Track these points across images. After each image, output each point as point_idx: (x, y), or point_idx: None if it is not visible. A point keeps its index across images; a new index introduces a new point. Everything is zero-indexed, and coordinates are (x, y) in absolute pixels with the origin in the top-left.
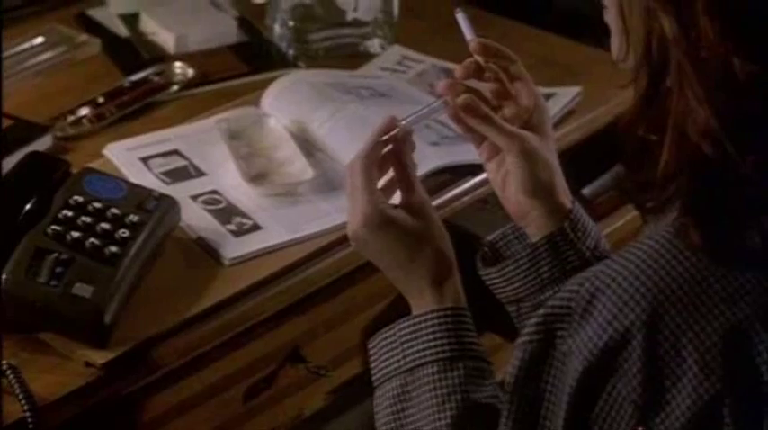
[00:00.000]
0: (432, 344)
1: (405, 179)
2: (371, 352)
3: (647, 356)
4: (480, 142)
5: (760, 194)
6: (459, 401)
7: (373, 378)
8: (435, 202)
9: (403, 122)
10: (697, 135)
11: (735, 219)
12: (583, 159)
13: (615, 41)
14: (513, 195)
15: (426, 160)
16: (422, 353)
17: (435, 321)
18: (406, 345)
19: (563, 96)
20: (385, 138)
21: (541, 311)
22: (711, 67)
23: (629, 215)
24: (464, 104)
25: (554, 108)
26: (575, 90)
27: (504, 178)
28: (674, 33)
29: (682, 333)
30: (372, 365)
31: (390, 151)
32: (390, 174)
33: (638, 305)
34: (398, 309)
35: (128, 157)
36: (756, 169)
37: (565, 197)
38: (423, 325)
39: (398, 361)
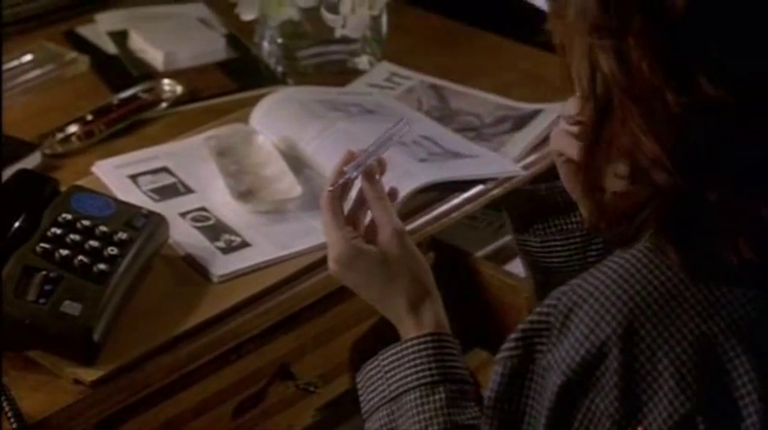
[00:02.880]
0: (413, 370)
1: (377, 209)
2: (359, 385)
3: (623, 370)
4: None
5: (728, 215)
6: (441, 424)
7: (362, 411)
8: (424, 219)
9: (362, 156)
10: (647, 165)
11: (708, 238)
12: None
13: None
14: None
15: (415, 176)
16: (404, 381)
17: (415, 348)
18: (389, 374)
19: (551, 112)
20: (342, 181)
21: (520, 326)
22: (648, 100)
23: None
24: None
25: (542, 124)
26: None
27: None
28: (612, 69)
29: (657, 347)
30: (360, 398)
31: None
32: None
33: (614, 319)
34: (387, 325)
35: (116, 175)
36: (719, 194)
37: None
38: (404, 352)
39: (383, 391)
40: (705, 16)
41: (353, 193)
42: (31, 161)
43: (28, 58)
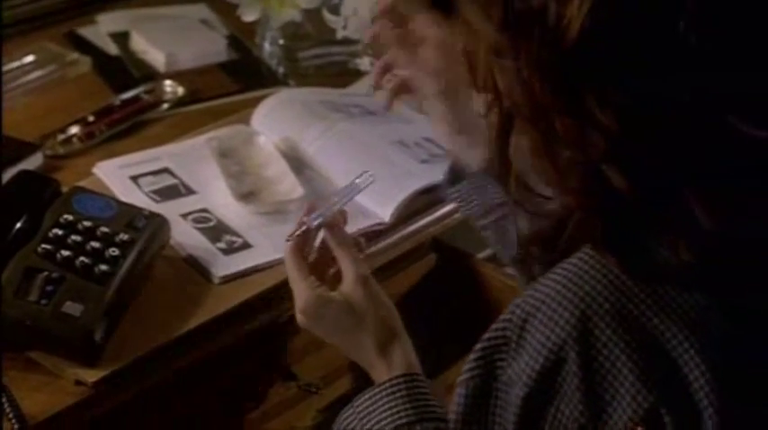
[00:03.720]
0: (388, 413)
1: (340, 256)
2: None
3: (583, 372)
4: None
5: (651, 218)
6: None
7: None
8: (425, 220)
9: (324, 206)
10: (544, 182)
11: (639, 241)
12: None
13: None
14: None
15: (416, 178)
16: (380, 424)
17: (388, 390)
18: (365, 420)
19: None
20: (301, 231)
21: (478, 346)
22: (541, 119)
23: None
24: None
25: None
26: None
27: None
28: (508, 87)
29: (614, 344)
30: None
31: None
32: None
33: (568, 322)
34: None
35: (118, 176)
36: (637, 199)
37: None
38: (378, 396)
39: None
40: (597, 44)
41: (317, 243)
42: (33, 162)
43: (29, 59)
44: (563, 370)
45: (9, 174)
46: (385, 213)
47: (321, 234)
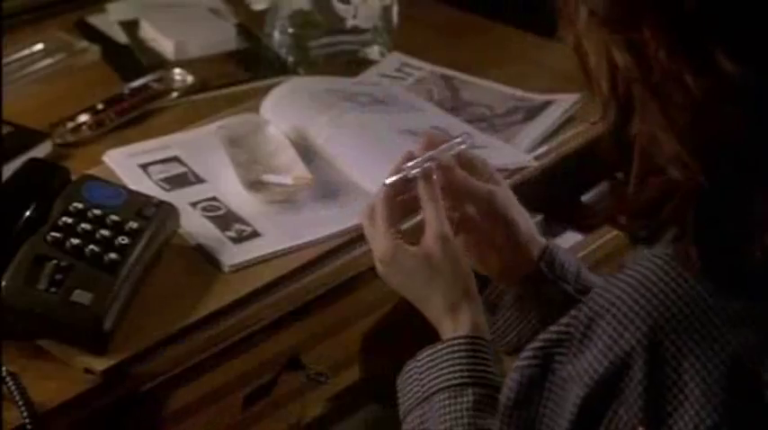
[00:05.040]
0: (444, 371)
1: (428, 211)
2: (398, 387)
3: (648, 381)
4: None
5: (753, 213)
6: (464, 426)
7: (400, 413)
8: None
9: (422, 157)
10: (664, 161)
11: (733, 239)
12: (582, 166)
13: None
14: (496, 255)
15: None
16: (436, 381)
17: (449, 349)
18: (423, 375)
19: (562, 103)
20: (399, 177)
21: (541, 336)
22: (667, 89)
23: None
24: (446, 164)
25: (553, 115)
26: (574, 97)
27: (478, 247)
28: (628, 62)
29: (683, 357)
30: (399, 401)
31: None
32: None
33: (639, 329)
34: (399, 316)
35: (127, 164)
36: (742, 189)
37: (540, 236)
38: (438, 354)
39: (417, 391)
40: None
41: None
42: (42, 150)
43: (39, 47)
44: (627, 376)
45: (18, 162)
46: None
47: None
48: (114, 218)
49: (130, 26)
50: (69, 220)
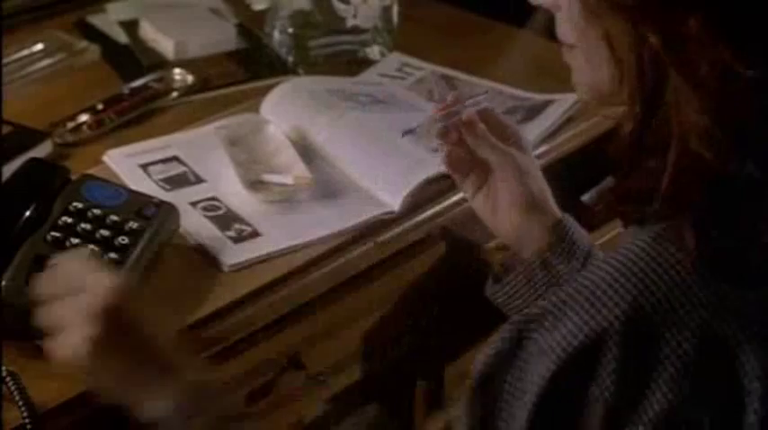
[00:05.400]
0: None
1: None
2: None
3: (622, 356)
4: (463, 177)
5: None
6: None
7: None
8: (435, 209)
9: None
10: (698, 145)
11: (739, 230)
12: (582, 166)
13: (585, 77)
14: (508, 217)
15: (426, 167)
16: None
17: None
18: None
19: (562, 103)
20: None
21: (515, 317)
22: (706, 75)
23: None
24: (468, 119)
25: (553, 115)
26: (574, 97)
27: (493, 205)
28: (665, 49)
29: (660, 335)
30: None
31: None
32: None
33: (618, 306)
34: (399, 316)
35: (127, 164)
36: (762, 181)
37: (556, 209)
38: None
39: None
40: None
41: None
42: (42, 150)
43: (39, 47)
44: (601, 351)
45: (18, 161)
46: (395, 202)
47: None
48: (114, 218)
49: (130, 26)
50: (69, 220)
